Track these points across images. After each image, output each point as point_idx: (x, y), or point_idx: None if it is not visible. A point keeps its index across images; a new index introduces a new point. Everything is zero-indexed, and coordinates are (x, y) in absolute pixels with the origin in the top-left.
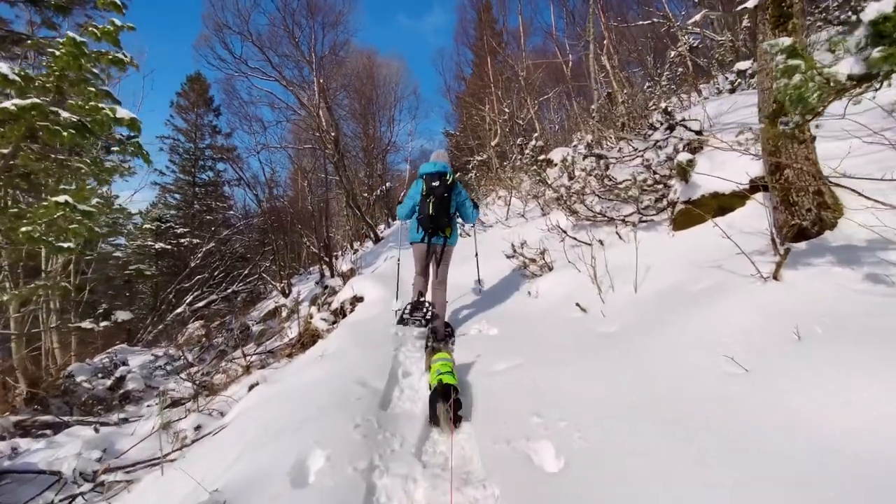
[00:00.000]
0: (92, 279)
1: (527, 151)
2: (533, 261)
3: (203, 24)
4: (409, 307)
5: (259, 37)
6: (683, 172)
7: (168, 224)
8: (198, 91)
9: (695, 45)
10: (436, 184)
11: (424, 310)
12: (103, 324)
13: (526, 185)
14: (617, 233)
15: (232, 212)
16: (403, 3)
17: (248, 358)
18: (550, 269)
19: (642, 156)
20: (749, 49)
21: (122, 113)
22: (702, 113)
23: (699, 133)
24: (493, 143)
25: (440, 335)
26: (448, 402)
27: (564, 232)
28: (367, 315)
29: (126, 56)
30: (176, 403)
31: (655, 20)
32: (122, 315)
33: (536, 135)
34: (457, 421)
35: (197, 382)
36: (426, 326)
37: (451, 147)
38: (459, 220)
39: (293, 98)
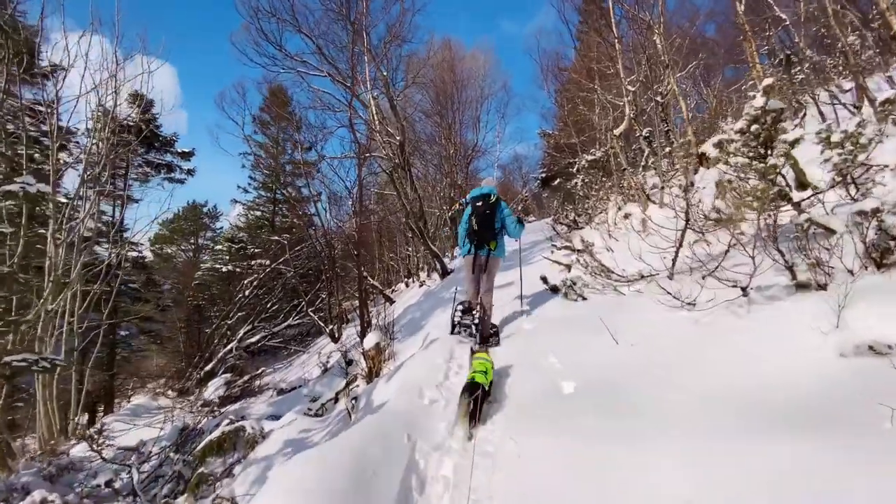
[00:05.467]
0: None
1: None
2: None
3: (236, 9)
4: (460, 310)
5: (305, 23)
6: None
7: (241, 244)
8: (279, 105)
9: None
10: (479, 204)
11: (474, 314)
12: None
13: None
14: None
15: (309, 230)
16: (507, 5)
17: None
18: None
19: None
20: None
21: None
22: None
23: None
24: (616, 133)
25: (485, 334)
26: (472, 396)
27: None
28: None
29: None
30: None
31: None
32: None
33: (761, 89)
34: (476, 416)
35: None
36: (475, 335)
37: (549, 150)
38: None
39: (354, 101)
